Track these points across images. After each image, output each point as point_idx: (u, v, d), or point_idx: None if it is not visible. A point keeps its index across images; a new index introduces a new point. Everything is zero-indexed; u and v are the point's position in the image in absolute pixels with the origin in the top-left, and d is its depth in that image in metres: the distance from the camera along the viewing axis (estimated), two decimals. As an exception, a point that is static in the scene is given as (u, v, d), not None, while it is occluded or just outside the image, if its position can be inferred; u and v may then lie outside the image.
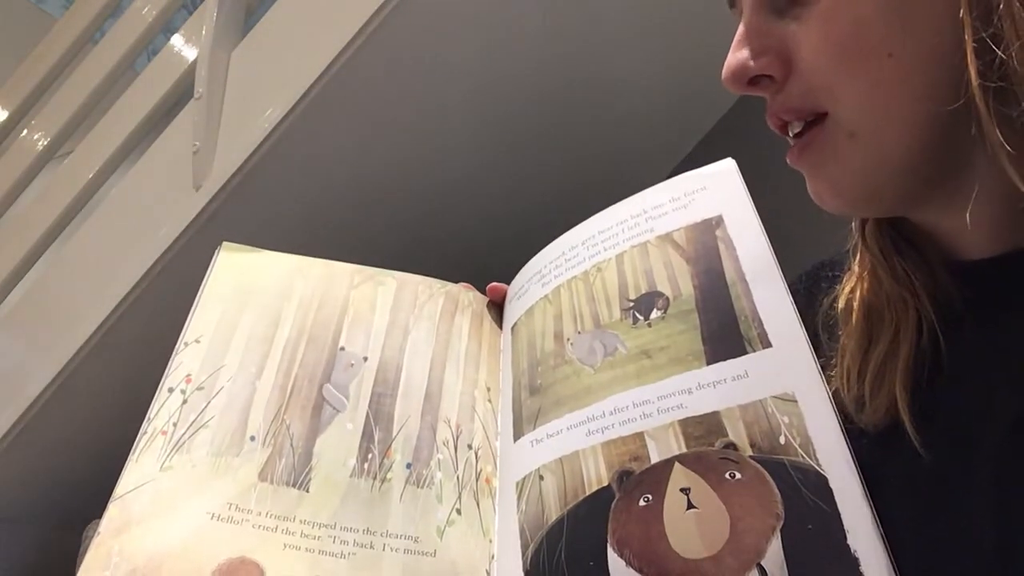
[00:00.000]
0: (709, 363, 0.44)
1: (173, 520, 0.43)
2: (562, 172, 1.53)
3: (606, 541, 0.40)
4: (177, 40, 1.29)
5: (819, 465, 0.39)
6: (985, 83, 0.33)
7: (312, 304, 0.56)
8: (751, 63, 0.39)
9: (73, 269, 1.30)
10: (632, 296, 0.51)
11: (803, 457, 0.39)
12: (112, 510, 0.43)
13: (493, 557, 0.46)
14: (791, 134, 0.41)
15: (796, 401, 0.41)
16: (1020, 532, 0.32)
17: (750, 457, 0.40)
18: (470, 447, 0.51)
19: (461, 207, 1.47)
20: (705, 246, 0.50)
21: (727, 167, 0.54)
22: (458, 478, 0.50)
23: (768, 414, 0.41)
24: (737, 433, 0.41)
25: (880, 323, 0.43)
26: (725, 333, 0.45)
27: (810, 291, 0.51)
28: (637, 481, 0.42)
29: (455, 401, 0.53)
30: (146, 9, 1.34)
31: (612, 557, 0.40)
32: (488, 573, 0.46)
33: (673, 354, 0.46)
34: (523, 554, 0.43)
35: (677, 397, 0.44)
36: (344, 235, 1.33)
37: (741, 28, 0.40)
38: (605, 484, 0.43)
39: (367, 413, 0.51)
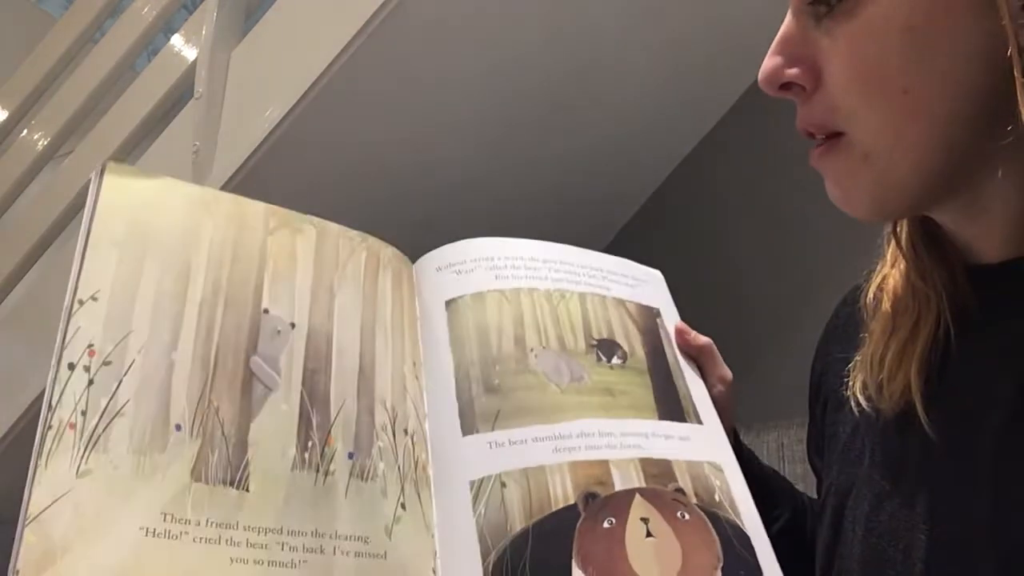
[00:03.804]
0: (661, 418, 0.51)
1: (103, 541, 0.37)
2: (563, 173, 1.53)
3: (571, 557, 0.43)
4: (177, 40, 1.29)
5: (742, 524, 0.47)
6: None
7: (225, 253, 0.48)
8: (784, 70, 0.41)
9: (73, 269, 1.30)
10: (595, 336, 0.54)
11: (731, 515, 0.47)
12: (29, 537, 0.35)
13: (436, 554, 0.44)
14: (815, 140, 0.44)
15: (723, 471, 0.49)
16: (1013, 508, 0.37)
17: (695, 504, 0.47)
18: (406, 432, 0.48)
19: (463, 207, 1.47)
20: (650, 327, 0.57)
21: (658, 276, 0.62)
22: (399, 468, 0.46)
23: (705, 475, 0.48)
24: (684, 482, 0.47)
25: (904, 313, 0.45)
26: (670, 399, 0.53)
27: (851, 311, 0.54)
28: (602, 504, 0.45)
29: (388, 379, 0.49)
30: (146, 9, 1.34)
31: (576, 573, 0.43)
32: (435, 572, 0.44)
33: (632, 400, 0.51)
34: (483, 560, 0.44)
35: (636, 438, 0.49)
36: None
37: (781, 32, 0.42)
38: (571, 503, 0.45)
39: (301, 392, 0.45)
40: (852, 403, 0.47)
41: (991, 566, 0.37)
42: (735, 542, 0.45)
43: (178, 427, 0.41)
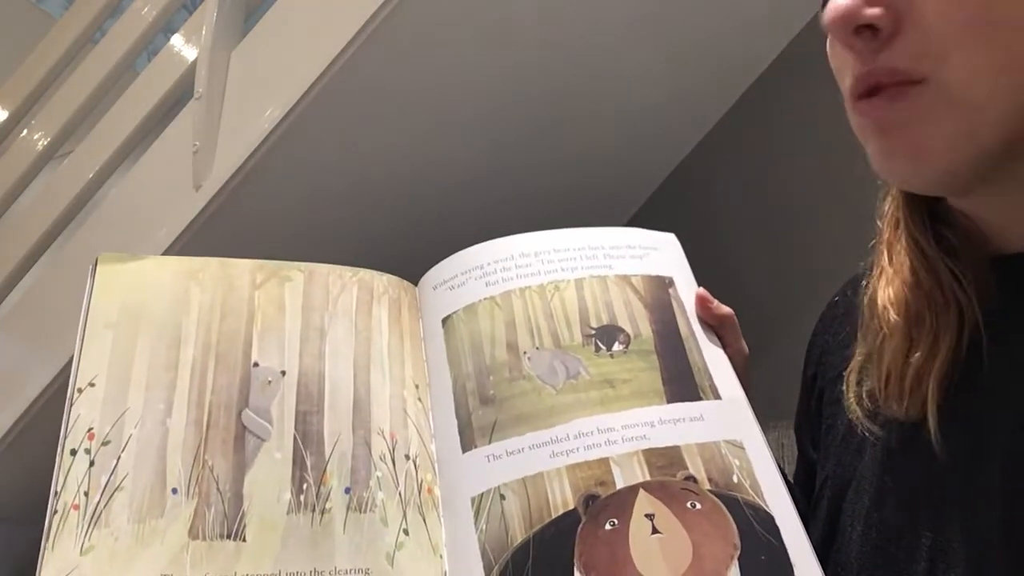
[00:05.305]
0: (669, 401, 0.48)
1: None
2: (564, 174, 1.53)
3: (573, 564, 0.42)
4: (177, 40, 1.29)
5: (766, 504, 0.44)
6: None
7: (213, 314, 0.49)
8: (864, 11, 0.36)
9: (73, 269, 1.30)
10: (594, 324, 0.52)
11: (753, 496, 0.44)
12: None
13: (446, 574, 0.45)
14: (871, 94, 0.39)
15: (744, 448, 0.46)
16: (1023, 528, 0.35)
17: (708, 491, 0.44)
18: (408, 457, 0.48)
19: (464, 208, 1.47)
20: (660, 299, 0.54)
21: (672, 240, 0.59)
22: (400, 495, 0.46)
23: (722, 455, 0.46)
24: (696, 467, 0.45)
25: (921, 326, 0.42)
26: (682, 378, 0.50)
27: (851, 300, 0.52)
28: (603, 505, 0.44)
29: (385, 407, 0.49)
30: (146, 9, 1.34)
31: None
32: None
33: (635, 387, 0.49)
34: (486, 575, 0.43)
35: (641, 428, 0.47)
36: (345, 236, 1.33)
37: None
38: (571, 507, 0.44)
39: (294, 436, 0.46)
40: (854, 404, 0.45)
41: (1001, 569, 0.36)
42: (756, 525, 0.43)
43: (174, 490, 0.43)
